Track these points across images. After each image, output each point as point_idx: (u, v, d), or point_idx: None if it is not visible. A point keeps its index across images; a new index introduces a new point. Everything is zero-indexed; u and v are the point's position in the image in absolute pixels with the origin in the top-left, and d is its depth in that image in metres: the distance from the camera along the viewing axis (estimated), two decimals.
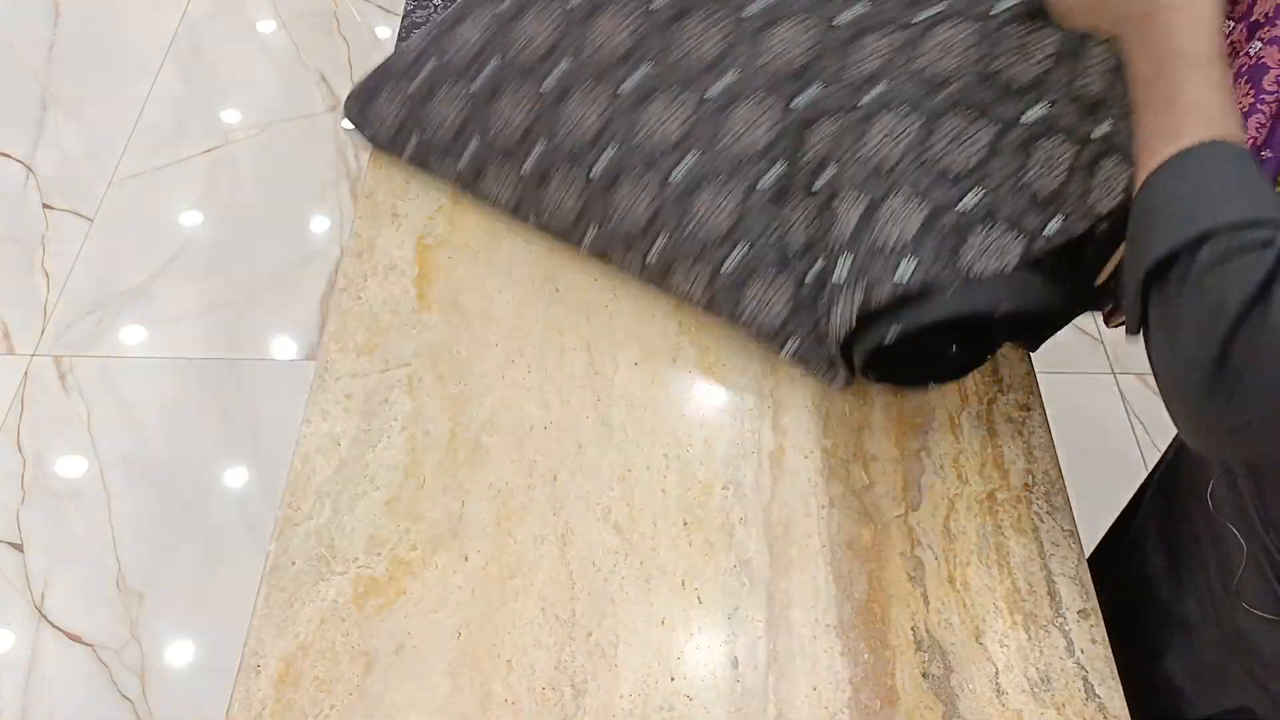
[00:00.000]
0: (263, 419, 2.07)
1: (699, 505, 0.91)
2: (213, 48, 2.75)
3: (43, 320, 2.20)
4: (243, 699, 0.81)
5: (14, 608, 1.83)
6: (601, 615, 0.85)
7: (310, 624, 0.84)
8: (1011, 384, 1.00)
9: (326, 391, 0.97)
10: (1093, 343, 2.18)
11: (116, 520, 1.93)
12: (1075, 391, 2.10)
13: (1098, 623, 0.86)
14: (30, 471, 1.99)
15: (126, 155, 2.50)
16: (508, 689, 0.81)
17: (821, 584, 0.87)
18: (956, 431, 0.97)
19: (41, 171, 2.47)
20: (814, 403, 0.98)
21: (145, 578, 1.87)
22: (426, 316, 1.03)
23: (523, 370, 0.99)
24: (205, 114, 2.60)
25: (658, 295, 1.04)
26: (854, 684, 0.83)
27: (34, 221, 2.38)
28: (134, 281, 2.27)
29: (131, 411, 2.07)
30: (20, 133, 2.54)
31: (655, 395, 0.98)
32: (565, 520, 0.90)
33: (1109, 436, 2.05)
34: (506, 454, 0.94)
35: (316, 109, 2.62)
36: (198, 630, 1.82)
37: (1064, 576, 0.88)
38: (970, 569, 0.88)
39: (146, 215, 2.40)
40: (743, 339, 1.02)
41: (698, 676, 0.83)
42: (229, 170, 2.49)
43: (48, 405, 2.08)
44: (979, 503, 0.92)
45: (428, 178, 1.13)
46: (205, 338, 2.19)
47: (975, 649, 0.84)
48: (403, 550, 0.88)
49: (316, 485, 0.92)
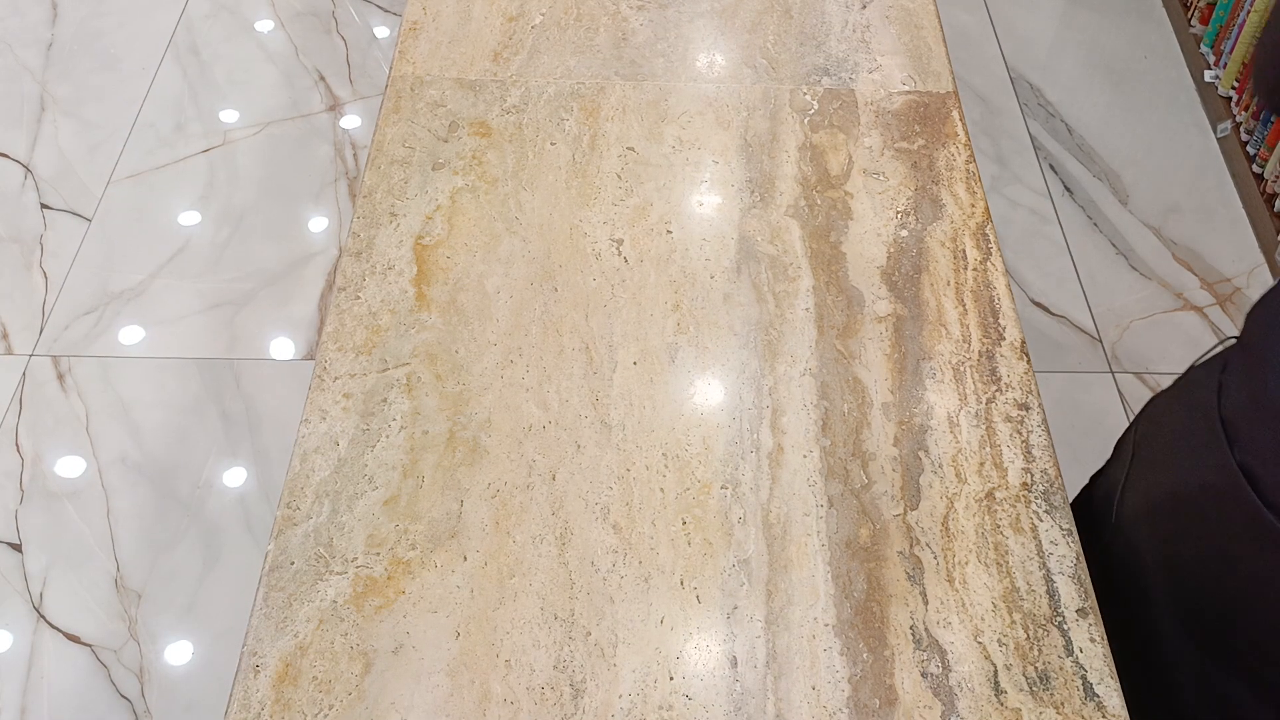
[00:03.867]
0: (261, 419, 2.07)
1: (698, 505, 0.91)
2: (211, 47, 2.75)
3: (41, 320, 2.20)
4: (241, 698, 0.81)
5: (12, 608, 1.83)
6: (600, 615, 0.85)
7: (309, 624, 0.84)
8: (1010, 383, 1.00)
9: (325, 391, 0.97)
10: (1091, 342, 2.18)
11: (115, 520, 1.93)
12: (1073, 391, 2.10)
13: (1096, 622, 0.86)
14: (29, 471, 1.98)
15: (125, 155, 2.50)
16: (507, 689, 0.81)
17: (820, 583, 0.87)
18: (955, 431, 0.97)
19: (40, 171, 2.47)
20: (813, 402, 0.98)
21: (144, 578, 1.87)
22: (425, 316, 1.02)
23: (521, 370, 0.99)
24: (204, 113, 2.60)
25: (656, 295, 1.04)
26: (853, 683, 0.83)
27: (32, 221, 2.37)
28: (132, 281, 2.27)
29: (130, 411, 2.07)
30: (18, 132, 2.54)
31: (654, 394, 0.98)
32: (564, 520, 0.90)
33: (1108, 436, 2.05)
34: (505, 453, 0.94)
35: (315, 108, 2.62)
36: (196, 630, 1.82)
37: (1062, 575, 0.88)
38: (969, 568, 0.88)
39: (145, 215, 2.40)
40: (742, 338, 1.02)
41: (697, 676, 0.82)
42: (227, 170, 2.49)
43: (46, 405, 2.08)
44: (977, 502, 0.92)
45: (426, 177, 1.13)
46: (204, 337, 2.19)
47: (974, 648, 0.84)
48: (401, 550, 0.88)
49: (315, 485, 0.91)
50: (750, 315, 1.04)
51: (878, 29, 1.32)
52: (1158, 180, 2.51)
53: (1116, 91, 2.71)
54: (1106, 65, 2.77)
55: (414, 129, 1.18)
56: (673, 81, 1.25)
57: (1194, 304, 2.28)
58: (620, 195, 1.13)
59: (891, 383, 1.00)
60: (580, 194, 1.13)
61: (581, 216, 1.11)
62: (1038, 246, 2.38)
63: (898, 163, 1.18)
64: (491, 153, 1.16)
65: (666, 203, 1.13)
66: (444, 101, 1.21)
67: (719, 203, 1.14)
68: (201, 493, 1.97)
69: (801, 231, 1.11)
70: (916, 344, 1.03)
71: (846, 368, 1.01)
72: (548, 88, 1.23)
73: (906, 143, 1.20)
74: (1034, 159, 2.55)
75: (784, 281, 1.07)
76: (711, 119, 1.22)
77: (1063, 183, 2.50)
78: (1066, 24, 2.86)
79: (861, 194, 1.15)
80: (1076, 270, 2.33)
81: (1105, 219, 2.43)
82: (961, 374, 1.01)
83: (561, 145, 1.18)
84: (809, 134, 1.20)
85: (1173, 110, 2.67)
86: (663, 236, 1.10)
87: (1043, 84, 2.71)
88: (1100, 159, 2.55)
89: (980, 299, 1.06)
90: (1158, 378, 2.15)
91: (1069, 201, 2.47)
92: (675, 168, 1.16)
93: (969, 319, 1.05)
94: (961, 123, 1.22)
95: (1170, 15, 2.86)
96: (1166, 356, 2.19)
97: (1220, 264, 2.35)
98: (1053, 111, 2.65)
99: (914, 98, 1.25)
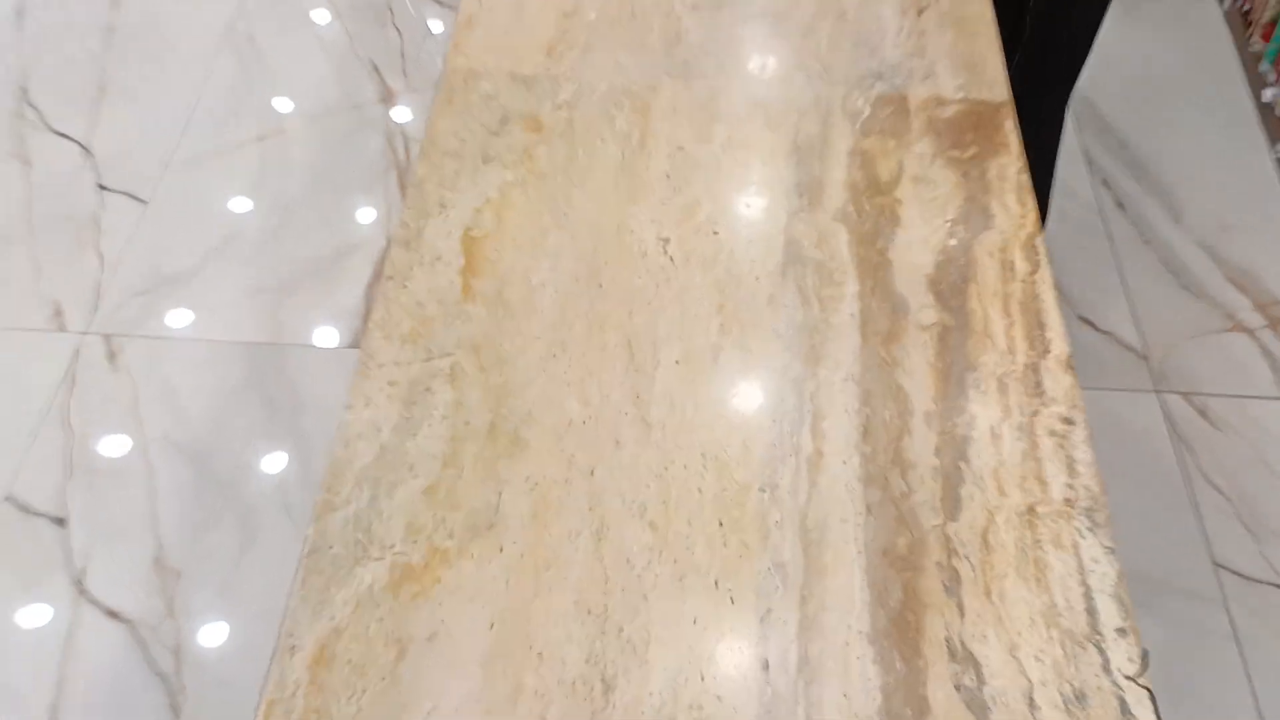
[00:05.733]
0: (305, 404, 2.10)
1: (735, 506, 0.91)
2: (267, 36, 2.79)
3: (94, 299, 2.24)
4: (277, 679, 0.82)
5: (55, 582, 1.86)
6: (634, 612, 0.85)
7: (346, 608, 0.85)
8: (1055, 397, 0.99)
9: (370, 379, 0.98)
10: (1137, 360, 2.15)
11: (158, 499, 1.96)
12: (1117, 409, 2.07)
13: (1136, 642, 0.85)
14: (76, 448, 2.02)
15: (181, 140, 2.54)
16: (539, 680, 0.82)
17: (856, 590, 0.87)
18: (998, 443, 0.96)
19: (98, 153, 2.51)
20: (854, 408, 0.97)
21: (183, 557, 1.89)
22: (471, 308, 1.03)
23: (564, 364, 0.99)
24: (259, 102, 2.63)
25: (701, 295, 1.04)
26: (885, 692, 0.82)
27: (89, 202, 2.42)
28: (184, 265, 2.31)
29: (176, 393, 2.10)
30: (78, 114, 2.59)
31: (695, 394, 0.98)
32: (601, 516, 0.90)
33: (1151, 456, 2.02)
34: (545, 447, 0.94)
35: (368, 99, 2.64)
36: (233, 610, 1.85)
37: (1103, 594, 0.87)
38: (1007, 582, 0.88)
39: (199, 200, 2.43)
40: (785, 341, 1.01)
41: (728, 677, 0.82)
42: (280, 158, 2.52)
43: (96, 383, 2.11)
44: (1019, 516, 0.91)
45: (476, 170, 1.13)
46: (251, 322, 2.22)
47: (1010, 663, 0.84)
48: (439, 539, 0.89)
49: (356, 471, 0.92)
50: (794, 319, 1.04)
51: (933, 35, 1.31)
52: (1212, 198, 2.47)
53: (1172, 107, 2.67)
54: (1163, 80, 2.73)
55: (466, 122, 1.19)
56: (724, 82, 1.25)
57: (1245, 325, 2.25)
58: (668, 194, 1.14)
59: (935, 392, 0.99)
60: (628, 192, 1.14)
61: (629, 214, 1.12)
62: (1087, 261, 2.35)
63: (948, 171, 1.17)
64: (542, 148, 1.17)
65: (714, 203, 1.13)
66: (496, 95, 1.22)
67: (766, 205, 1.13)
68: (242, 475, 1.99)
69: (849, 237, 1.11)
70: (961, 354, 1.02)
71: (889, 375, 1.00)
72: (600, 84, 1.24)
73: (958, 151, 1.19)
74: (1086, 172, 2.52)
75: (829, 286, 1.07)
76: (762, 121, 1.21)
77: (1114, 197, 2.47)
78: (1122, 38, 2.82)
79: (911, 201, 1.14)
80: (1125, 286, 2.30)
81: (1156, 235, 2.40)
82: (1006, 386, 1.00)
83: (611, 143, 1.18)
84: (859, 139, 1.20)
85: (1230, 128, 2.63)
86: (709, 237, 1.10)
87: (1097, 97, 2.68)
88: (1153, 175, 2.51)
89: (1027, 311, 1.05)
90: (1204, 399, 2.12)
91: (1120, 216, 2.43)
92: (724, 169, 1.16)
93: (1015, 331, 1.04)
94: (1014, 133, 1.21)
95: (1231, 31, 2.81)
96: (1214, 378, 2.15)
97: (1273, 285, 2.31)
98: (1106, 126, 2.62)
99: (967, 106, 1.24)
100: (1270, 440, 2.05)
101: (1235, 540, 1.90)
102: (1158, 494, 1.93)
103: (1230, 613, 1.82)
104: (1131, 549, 1.72)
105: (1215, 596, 1.83)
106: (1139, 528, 1.83)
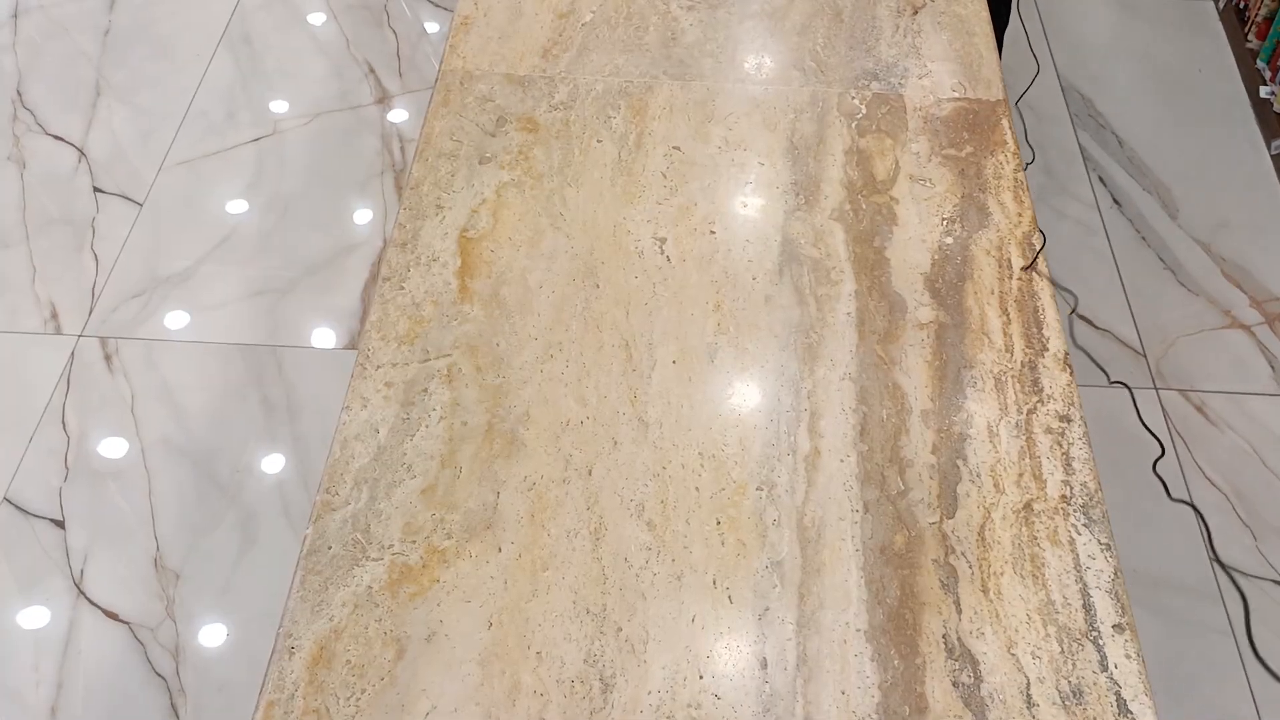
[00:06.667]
0: (301, 406, 2.10)
1: (732, 505, 0.91)
2: (263, 37, 2.79)
3: (90, 302, 2.24)
4: (276, 679, 0.82)
5: (54, 584, 1.86)
6: (632, 611, 0.85)
7: (344, 608, 0.85)
8: (1052, 395, 0.99)
9: (367, 379, 0.98)
10: (1135, 356, 2.15)
11: (156, 501, 1.96)
12: (1115, 406, 2.08)
13: (1133, 638, 0.85)
14: (74, 450, 2.02)
15: (176, 142, 2.54)
16: (537, 680, 0.82)
17: (853, 588, 0.87)
18: (995, 441, 0.96)
19: (93, 155, 2.51)
20: (851, 406, 0.98)
21: (182, 558, 1.89)
22: (467, 308, 1.03)
23: (561, 365, 0.99)
24: (255, 103, 2.63)
25: (698, 294, 1.05)
26: (883, 689, 0.82)
27: (84, 204, 2.42)
28: (180, 266, 2.30)
29: (173, 394, 2.10)
30: (73, 116, 2.59)
31: (692, 394, 0.98)
32: (599, 515, 0.90)
33: (1149, 453, 2.03)
34: (542, 447, 0.94)
35: (364, 101, 2.64)
36: (231, 612, 1.85)
37: (1099, 590, 0.87)
38: (1004, 579, 0.88)
39: (194, 201, 2.43)
40: (782, 340, 1.02)
41: (726, 676, 0.83)
42: (276, 159, 2.52)
43: (93, 385, 2.11)
44: (1015, 513, 0.91)
45: (472, 171, 1.13)
46: (248, 324, 2.21)
47: (1007, 660, 0.84)
48: (437, 539, 0.89)
49: (354, 472, 0.92)
50: (791, 318, 1.04)
51: (929, 35, 1.32)
52: (1208, 195, 2.47)
53: (1169, 105, 2.67)
54: (1159, 78, 2.73)
55: (462, 123, 1.19)
56: (721, 82, 1.25)
57: (1242, 322, 2.25)
58: (665, 194, 1.14)
59: (931, 390, 0.99)
60: (625, 192, 1.14)
61: (625, 214, 1.12)
62: (1084, 258, 2.35)
63: (945, 169, 1.17)
64: (538, 148, 1.17)
65: (711, 203, 1.13)
66: (492, 96, 1.22)
67: (763, 204, 1.14)
68: (241, 476, 1.99)
69: (845, 235, 1.11)
70: (958, 352, 1.02)
71: (886, 373, 1.00)
72: (596, 85, 1.24)
73: (954, 150, 1.19)
74: (1083, 170, 2.52)
75: (826, 285, 1.07)
76: (758, 120, 1.22)
77: (1111, 195, 2.47)
78: (1120, 35, 2.82)
79: (907, 200, 1.14)
80: (1123, 284, 2.30)
81: (1154, 233, 2.40)
82: (1003, 384, 1.00)
83: (608, 143, 1.18)
84: (856, 138, 1.20)
85: (1226, 125, 2.63)
86: (706, 236, 1.10)
87: (1094, 95, 2.68)
88: (1150, 172, 2.52)
89: (1024, 309, 1.05)
90: (1202, 395, 2.12)
91: (1117, 214, 2.44)
92: (720, 168, 1.17)
93: (1012, 329, 1.04)
94: (1010, 131, 1.21)
95: (1226, 29, 2.82)
96: (1211, 374, 2.15)
97: (1270, 282, 2.31)
98: (1103, 123, 2.62)
99: (963, 105, 1.24)
100: (1267, 436, 2.05)
101: (1233, 536, 1.90)
102: (1156, 491, 1.94)
103: (1228, 609, 1.82)
104: (1129, 546, 1.72)
105: (1213, 593, 1.84)
106: (1135, 525, 1.83)
